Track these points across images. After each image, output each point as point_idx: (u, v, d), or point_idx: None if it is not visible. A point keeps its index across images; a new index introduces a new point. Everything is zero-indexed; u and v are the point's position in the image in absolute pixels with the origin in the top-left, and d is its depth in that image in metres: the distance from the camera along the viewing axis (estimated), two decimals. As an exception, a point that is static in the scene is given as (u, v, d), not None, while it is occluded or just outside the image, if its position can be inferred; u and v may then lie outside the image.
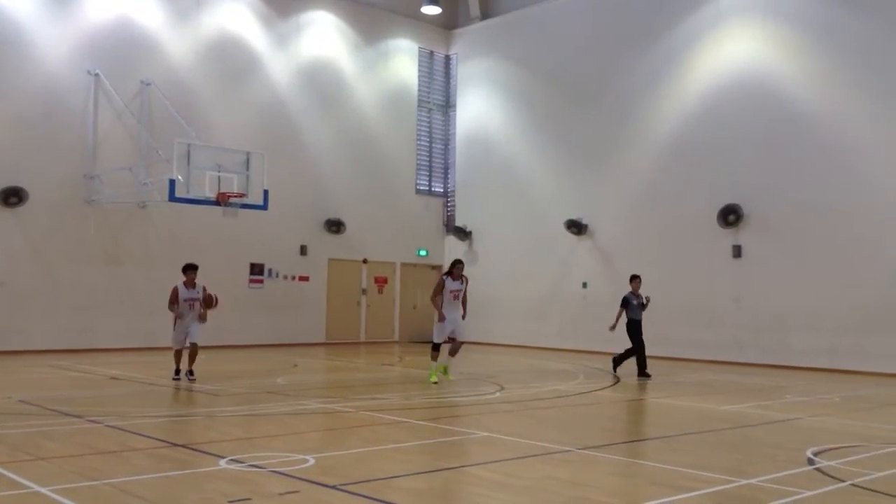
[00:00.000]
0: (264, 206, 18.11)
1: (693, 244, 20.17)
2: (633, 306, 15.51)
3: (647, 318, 15.89)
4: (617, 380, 14.78)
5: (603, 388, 13.48)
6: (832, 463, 7.32)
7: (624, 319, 15.49)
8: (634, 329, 15.45)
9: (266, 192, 18.02)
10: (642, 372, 15.39)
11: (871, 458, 7.65)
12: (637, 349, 15.44)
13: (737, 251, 19.49)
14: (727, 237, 19.62)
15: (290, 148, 22.57)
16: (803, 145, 18.47)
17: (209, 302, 13.03)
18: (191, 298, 12.93)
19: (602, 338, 17.32)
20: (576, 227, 22.50)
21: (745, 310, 19.14)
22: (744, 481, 6.49)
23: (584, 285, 22.53)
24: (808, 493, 6.09)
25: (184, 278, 12.98)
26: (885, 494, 6.12)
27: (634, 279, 15.80)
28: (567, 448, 7.75)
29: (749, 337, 18.91)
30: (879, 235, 17.27)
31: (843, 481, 6.57)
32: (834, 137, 18.04)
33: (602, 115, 22.45)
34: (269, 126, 22.26)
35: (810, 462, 7.35)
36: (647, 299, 15.72)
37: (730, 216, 19.42)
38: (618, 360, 15.75)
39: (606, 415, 10.74)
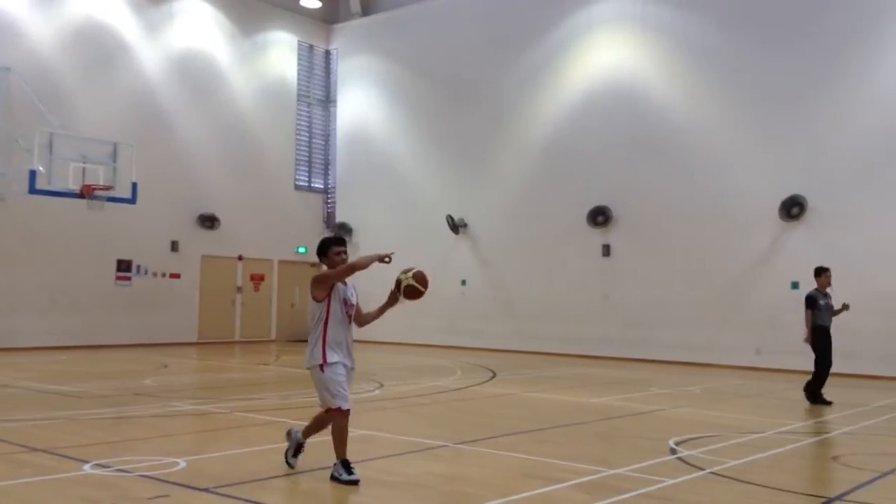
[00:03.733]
0: (133, 200, 17.41)
1: (566, 243, 20.81)
2: (820, 308, 11.71)
3: (522, 315, 16.20)
4: (829, 403, 11.54)
5: (480, 384, 13.72)
6: (692, 452, 7.73)
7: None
8: (823, 339, 11.68)
9: (135, 185, 17.33)
10: (818, 396, 11.64)
11: (727, 447, 8.13)
12: (825, 366, 11.66)
13: (606, 250, 20.26)
14: (597, 237, 20.37)
15: (161, 139, 21.76)
16: (667, 151, 19.39)
17: None
18: None
19: (478, 335, 17.59)
20: (455, 225, 22.78)
21: (613, 306, 19.92)
22: (611, 471, 6.76)
23: (463, 283, 22.85)
24: (670, 482, 6.42)
25: None
26: (740, 481, 6.53)
27: (823, 273, 11.94)
28: (443, 443, 7.85)
29: (617, 332, 19.69)
30: (731, 237, 18.37)
31: (702, 469, 6.95)
32: (695, 144, 19.04)
33: (481, 115, 22.82)
34: (138, 116, 21.39)
35: (672, 451, 7.73)
36: (845, 306, 11.76)
37: (598, 217, 20.17)
38: (812, 389, 11.74)
39: (482, 410, 10.94)
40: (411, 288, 6.42)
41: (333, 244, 6.51)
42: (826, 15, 17.51)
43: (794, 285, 17.38)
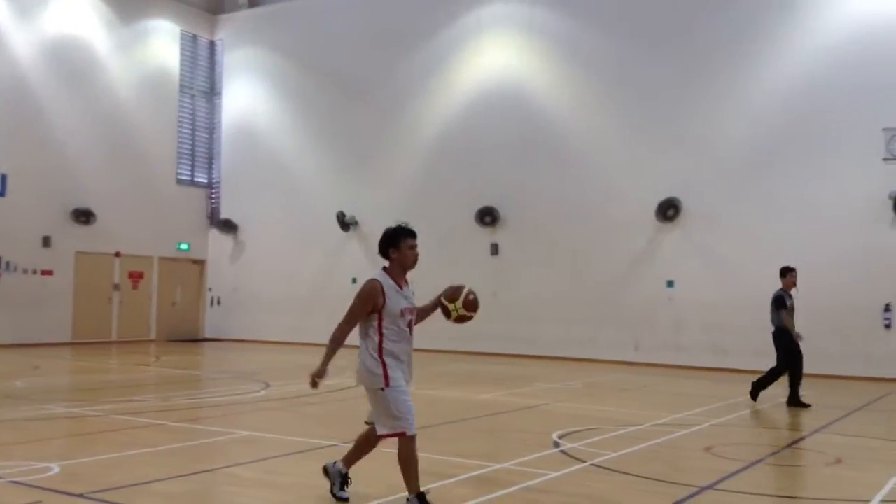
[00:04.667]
0: (1, 193, 16.43)
1: (455, 242, 21.00)
2: (787, 308, 11.62)
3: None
4: (806, 406, 11.31)
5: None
6: (574, 445, 7.97)
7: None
8: (788, 340, 11.50)
9: (3, 177, 16.37)
10: (797, 399, 11.42)
11: (607, 439, 8.43)
12: (790, 366, 11.45)
13: (494, 249, 20.60)
14: (486, 236, 20.68)
15: (32, 130, 20.60)
16: (554, 153, 19.87)
17: None
18: None
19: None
20: (345, 222, 22.61)
21: (501, 304, 20.25)
22: (497, 466, 6.89)
23: (353, 281, 22.69)
24: (554, 474, 6.60)
25: None
26: (618, 472, 6.78)
27: (788, 273, 11.82)
28: (332, 443, 7.80)
29: (504, 329, 20.03)
30: (612, 237, 19.03)
31: (583, 462, 7.18)
32: (580, 146, 19.61)
33: (371, 112, 22.72)
34: (7, 105, 20.18)
35: (556, 445, 7.96)
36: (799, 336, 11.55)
37: (486, 217, 20.50)
38: (759, 388, 11.72)
39: (370, 408, 10.90)
40: (463, 318, 5.68)
41: (409, 235, 5.56)
42: (703, 25, 18.33)
43: (669, 284, 18.22)
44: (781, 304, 11.53)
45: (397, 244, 5.49)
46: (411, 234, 5.54)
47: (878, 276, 15.94)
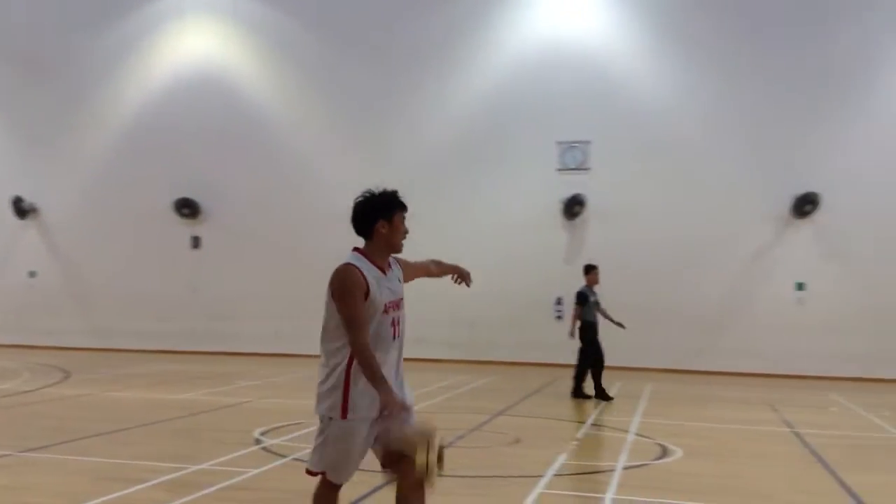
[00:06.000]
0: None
1: (151, 234, 19.91)
2: (590, 305, 12.10)
3: (100, 310, 15.13)
4: (609, 399, 11.83)
5: (51, 385, 12.52)
6: (277, 441, 7.97)
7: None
8: (592, 334, 12.06)
9: None
10: (602, 392, 11.94)
11: (309, 433, 8.48)
12: (592, 361, 11.98)
13: (195, 242, 19.85)
14: (185, 228, 19.85)
15: None
16: (260, 145, 19.61)
17: None
18: None
19: (50, 332, 16.00)
20: (22, 208, 20.41)
21: (201, 299, 19.57)
22: (194, 467, 6.69)
23: (32, 274, 20.61)
24: (255, 472, 6.55)
25: None
26: (318, 463, 6.90)
27: (591, 270, 12.30)
28: (6, 453, 7.06)
29: (205, 326, 19.37)
30: (321, 231, 19.17)
31: (285, 457, 7.20)
32: (286, 139, 19.55)
33: (56, 93, 20.68)
34: None
35: (257, 442, 7.89)
36: (621, 325, 12.19)
37: (185, 208, 19.69)
38: (579, 381, 12.10)
39: (53, 413, 10.02)
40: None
41: (403, 207, 4.17)
42: (406, 28, 19.07)
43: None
44: (584, 299, 12.05)
45: (390, 216, 4.05)
46: (404, 205, 4.14)
47: (551, 273, 17.71)
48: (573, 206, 17.88)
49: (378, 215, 4.04)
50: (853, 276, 16.72)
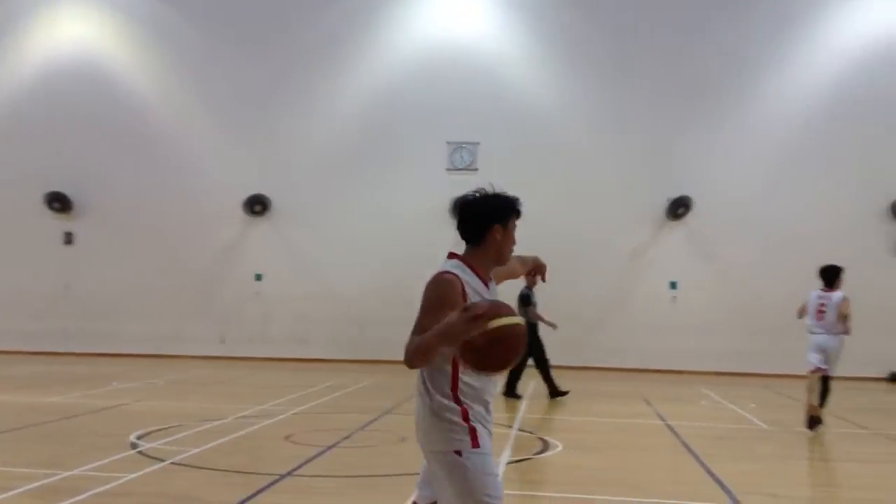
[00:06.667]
0: None
1: (19, 229, 18.88)
2: (533, 305, 12.30)
3: None
4: (563, 393, 12.18)
5: None
6: (154, 444, 7.72)
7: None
8: (532, 335, 12.02)
9: None
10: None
11: (189, 435, 8.30)
12: (528, 360, 12.04)
13: (68, 238, 18.95)
14: (57, 223, 18.92)
15: None
16: (138, 139, 18.90)
17: None
18: None
19: None
20: None
21: (75, 298, 18.70)
22: (66, 473, 6.41)
23: None
24: (130, 476, 6.33)
25: None
26: (199, 468, 6.75)
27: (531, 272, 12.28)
28: None
29: (78, 326, 18.51)
30: (200, 229, 18.71)
31: (162, 461, 6.99)
32: (166, 134, 18.92)
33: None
34: None
35: (133, 446, 7.63)
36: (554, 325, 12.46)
37: (55, 203, 18.76)
38: (511, 383, 12.13)
39: None
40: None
41: (518, 214, 3.40)
42: (292, 25, 18.76)
43: (258, 277, 18.50)
44: (528, 300, 12.18)
45: (507, 221, 3.34)
46: (520, 211, 3.41)
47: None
48: (461, 207, 18.07)
49: (495, 219, 3.32)
50: (722, 276, 17.64)
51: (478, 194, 3.34)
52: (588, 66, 18.25)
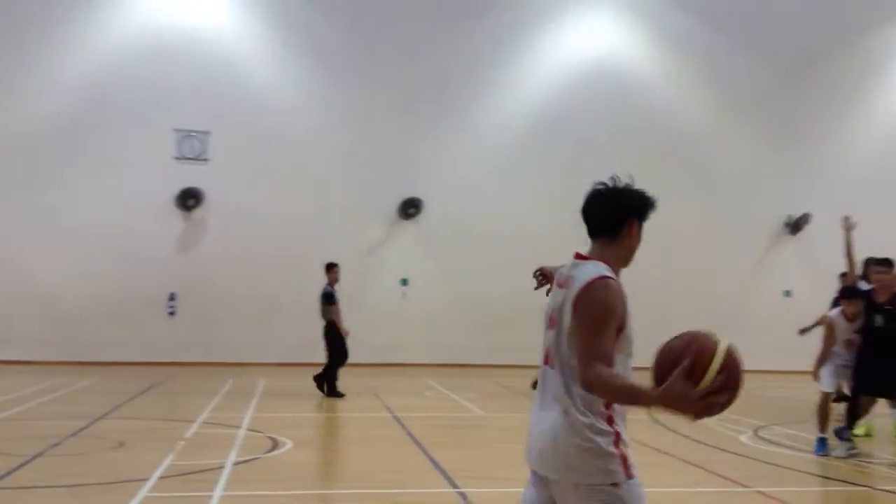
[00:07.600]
0: None
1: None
2: (336, 304, 12.16)
3: None
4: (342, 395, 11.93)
5: None
6: None
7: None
8: (336, 333, 12.17)
9: None
10: (333, 390, 12.08)
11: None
12: (341, 359, 12.19)
13: None
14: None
15: None
16: None
17: None
18: None
19: None
20: None
21: None
22: None
23: None
24: None
25: None
26: None
27: (333, 268, 12.26)
28: None
29: None
30: None
31: None
32: None
33: None
34: None
35: None
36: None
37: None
38: (328, 381, 12.10)
39: None
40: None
41: (653, 211, 2.80)
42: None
43: None
44: (332, 299, 12.05)
45: (643, 217, 2.83)
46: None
47: (164, 268, 17.02)
48: (188, 199, 17.36)
49: (634, 214, 2.80)
50: (447, 273, 18.57)
51: (613, 183, 2.81)
52: (327, 66, 18.38)
